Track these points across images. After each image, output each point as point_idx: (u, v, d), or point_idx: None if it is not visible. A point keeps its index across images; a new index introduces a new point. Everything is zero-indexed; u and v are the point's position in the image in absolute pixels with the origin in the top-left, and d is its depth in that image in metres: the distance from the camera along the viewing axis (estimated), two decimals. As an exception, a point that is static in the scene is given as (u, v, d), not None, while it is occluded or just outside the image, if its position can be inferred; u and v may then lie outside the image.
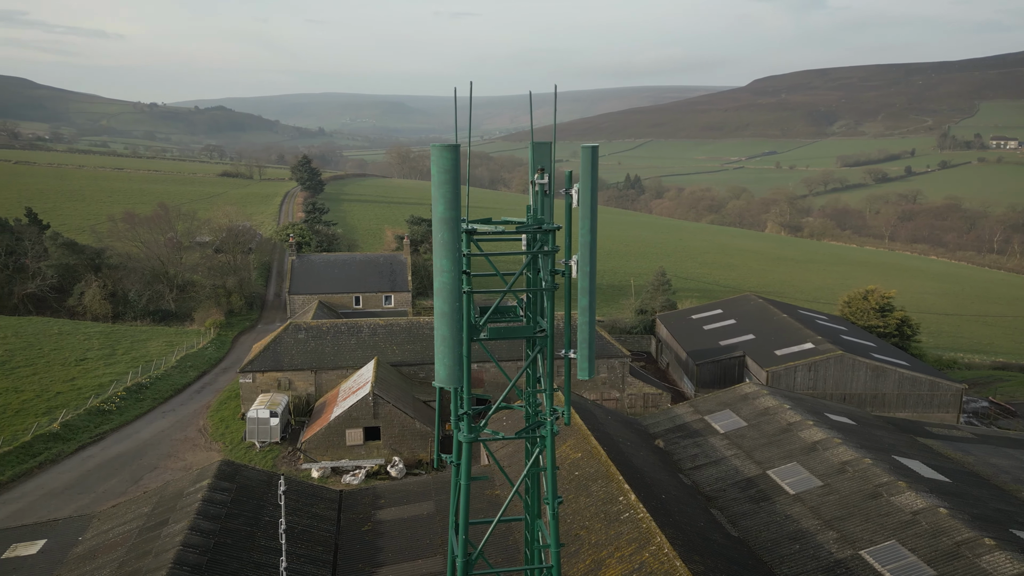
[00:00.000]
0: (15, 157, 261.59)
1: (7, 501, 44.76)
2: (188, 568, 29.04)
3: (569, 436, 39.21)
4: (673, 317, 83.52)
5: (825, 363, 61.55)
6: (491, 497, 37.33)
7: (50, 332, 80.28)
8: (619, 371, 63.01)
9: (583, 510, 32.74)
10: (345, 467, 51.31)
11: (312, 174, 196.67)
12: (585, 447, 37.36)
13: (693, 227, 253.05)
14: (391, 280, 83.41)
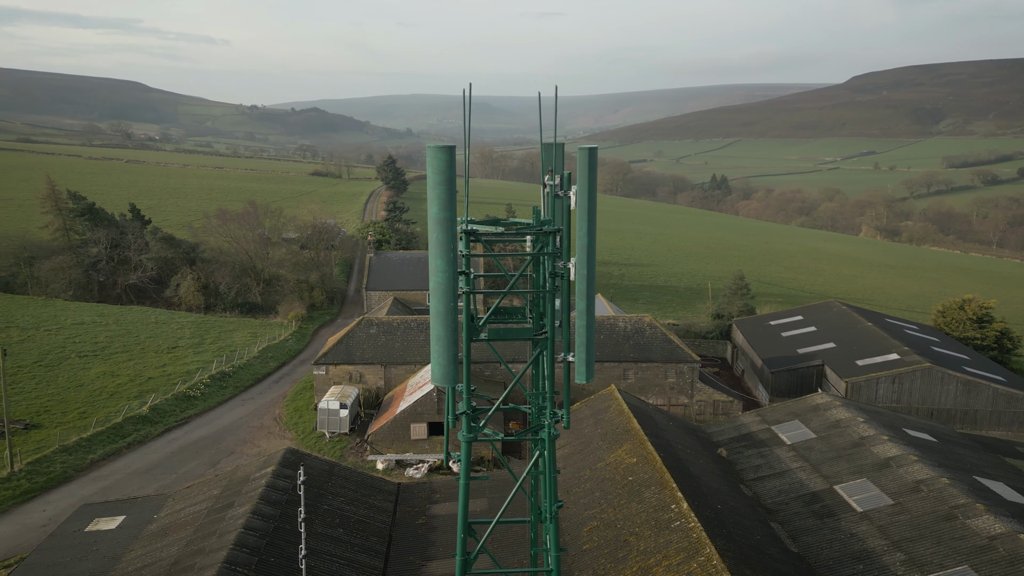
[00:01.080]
0: (127, 156, 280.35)
1: (97, 478, 48.06)
2: (248, 550, 30.40)
3: (625, 441, 38.68)
4: (750, 323, 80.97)
5: (911, 375, 58.23)
6: (544, 498, 37.29)
7: (147, 321, 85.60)
8: (687, 377, 61.62)
9: (634, 516, 32.23)
10: (409, 460, 52.39)
11: (396, 174, 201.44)
12: (641, 452, 36.76)
13: (781, 230, 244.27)
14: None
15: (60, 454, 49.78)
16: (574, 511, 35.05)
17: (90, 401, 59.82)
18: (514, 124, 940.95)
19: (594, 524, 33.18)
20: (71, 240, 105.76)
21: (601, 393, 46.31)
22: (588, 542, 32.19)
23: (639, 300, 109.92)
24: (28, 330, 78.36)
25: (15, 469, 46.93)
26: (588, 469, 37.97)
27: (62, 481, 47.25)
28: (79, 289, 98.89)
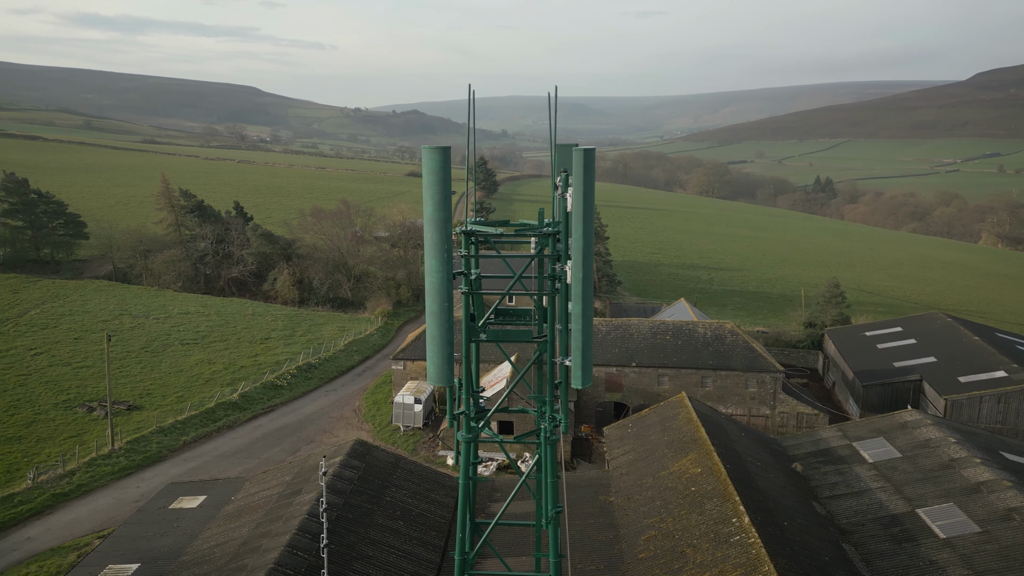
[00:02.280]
0: (239, 157, 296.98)
1: (188, 459, 51.19)
2: (309, 536, 31.59)
3: (691, 450, 37.63)
4: (843, 332, 76.93)
5: (1019, 395, 53.72)
6: (604, 503, 36.83)
7: (245, 312, 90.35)
8: (769, 387, 59.21)
9: (693, 527, 31.31)
10: (479, 457, 52.86)
11: (487, 175, 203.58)
12: (706, 463, 35.66)
13: (889, 235, 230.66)
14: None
15: (156, 435, 53.35)
16: (633, 518, 34.42)
17: (187, 386, 63.78)
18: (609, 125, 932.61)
19: (652, 533, 32.47)
20: (182, 235, 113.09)
21: (671, 400, 45.24)
22: (644, 551, 31.53)
23: (727, 306, 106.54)
24: (139, 318, 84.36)
25: (115, 447, 50.66)
26: (651, 477, 37.19)
27: (156, 460, 50.63)
28: (187, 281, 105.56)
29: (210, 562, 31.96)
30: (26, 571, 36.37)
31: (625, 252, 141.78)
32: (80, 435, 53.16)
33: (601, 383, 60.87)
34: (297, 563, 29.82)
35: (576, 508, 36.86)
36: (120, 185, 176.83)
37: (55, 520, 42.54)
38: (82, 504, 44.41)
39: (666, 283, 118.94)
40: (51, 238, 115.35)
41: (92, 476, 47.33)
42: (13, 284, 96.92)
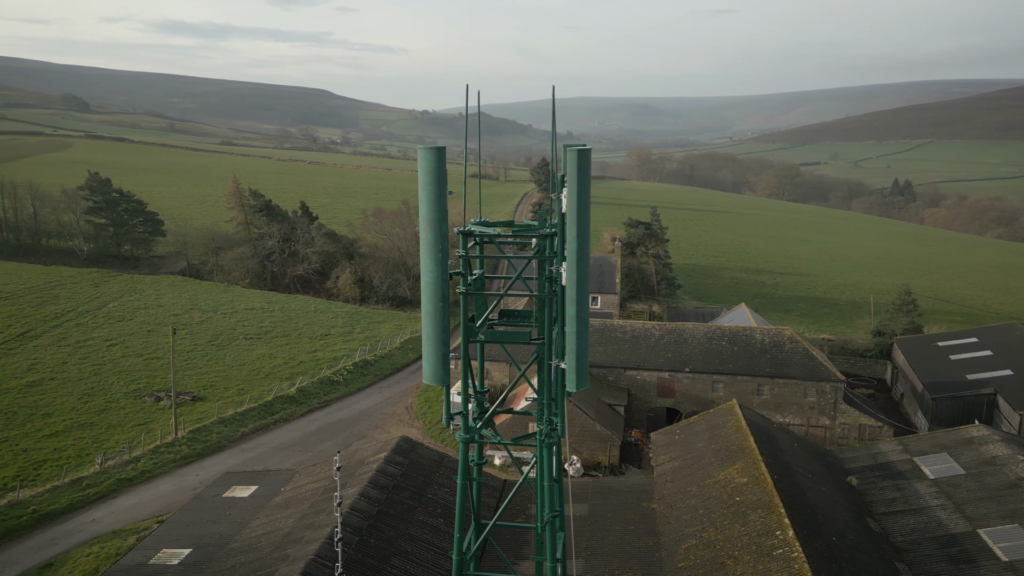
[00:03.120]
0: (310, 158, 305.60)
1: (245, 450, 52.96)
2: (351, 530, 32.18)
3: (738, 459, 36.62)
4: (913, 342, 73.50)
5: (1104, 413, 50.18)
6: (646, 510, 36.24)
7: (307, 309, 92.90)
8: (830, 396, 57.09)
9: (735, 539, 30.46)
10: (525, 459, 52.84)
11: (547, 176, 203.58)
12: (753, 473, 34.64)
13: (971, 241, 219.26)
14: (598, 281, 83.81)
15: (217, 425, 55.39)
16: (675, 527, 33.74)
17: (248, 379, 65.99)
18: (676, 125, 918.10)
19: (693, 543, 31.75)
20: (251, 233, 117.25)
21: (721, 407, 44.16)
22: (684, 560, 30.86)
23: (791, 312, 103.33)
24: (208, 312, 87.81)
25: (178, 436, 52.86)
26: (695, 485, 36.37)
27: (216, 450, 52.57)
28: (254, 278, 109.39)
29: (256, 550, 32.96)
30: (88, 551, 38.33)
31: (687, 255, 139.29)
32: (147, 423, 55.70)
33: (653, 388, 59.95)
34: (336, 555, 30.39)
35: (617, 514, 36.40)
36: (197, 185, 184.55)
37: (119, 504, 44.68)
38: (145, 489, 46.51)
39: (728, 287, 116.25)
40: (131, 235, 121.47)
41: (155, 463, 49.51)
42: (95, 278, 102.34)
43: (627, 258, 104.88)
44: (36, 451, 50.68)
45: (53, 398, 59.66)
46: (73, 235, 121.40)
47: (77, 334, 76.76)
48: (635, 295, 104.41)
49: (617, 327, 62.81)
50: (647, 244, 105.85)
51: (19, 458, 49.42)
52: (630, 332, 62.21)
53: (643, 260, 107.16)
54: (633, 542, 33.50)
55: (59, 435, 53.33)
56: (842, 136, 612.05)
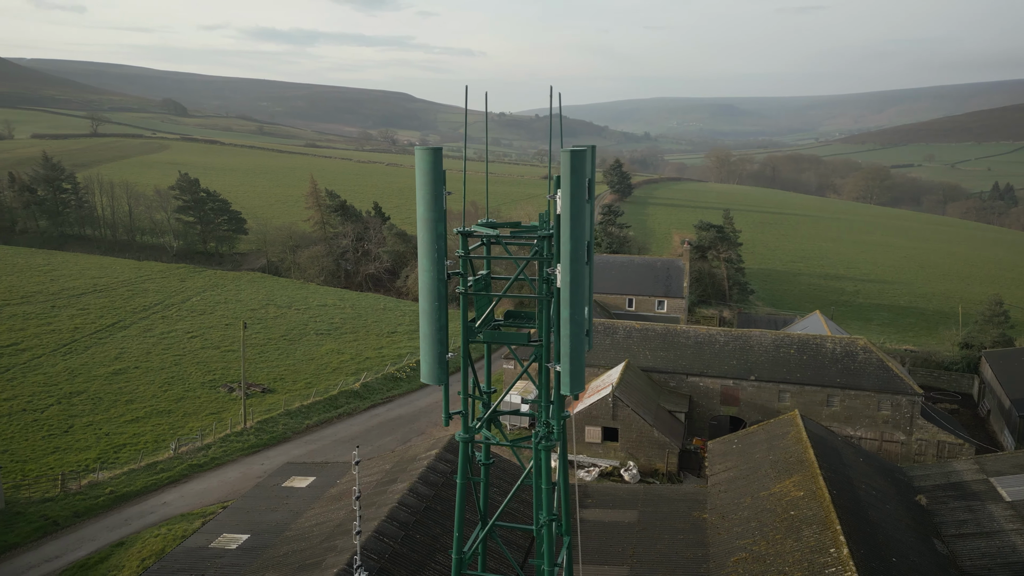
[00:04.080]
0: (388, 160, 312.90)
1: (309, 441, 54.67)
2: (397, 524, 32.77)
3: (796, 471, 35.25)
4: (1003, 356, 68.98)
5: None
6: (696, 520, 35.36)
7: (377, 307, 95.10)
8: (906, 410, 54.21)
9: (786, 554, 29.35)
10: (582, 462, 52.50)
11: (622, 177, 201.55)
12: (810, 486, 33.28)
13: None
14: (666, 285, 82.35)
15: (283, 417, 57.40)
16: (725, 538, 32.79)
17: (316, 373, 68.10)
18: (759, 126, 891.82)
19: (742, 555, 30.78)
20: (326, 232, 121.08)
21: (782, 417, 42.63)
22: (732, 573, 29.96)
23: (872, 321, 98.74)
24: (283, 308, 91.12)
25: (247, 426, 55.05)
26: (750, 497, 35.24)
27: (281, 440, 54.48)
28: (329, 275, 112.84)
29: (307, 539, 33.97)
30: (157, 532, 40.38)
31: (763, 260, 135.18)
32: (219, 413, 58.27)
33: (716, 396, 58.45)
34: (381, 549, 31.01)
35: (667, 522, 35.68)
36: (279, 185, 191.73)
37: (189, 488, 46.91)
38: (213, 476, 48.67)
39: (805, 294, 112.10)
40: (216, 233, 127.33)
41: (225, 451, 51.74)
42: (181, 273, 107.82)
43: (698, 262, 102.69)
44: (117, 435, 53.83)
45: (136, 386, 63.20)
46: (164, 232, 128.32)
47: (162, 326, 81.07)
48: (705, 300, 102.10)
49: (680, 332, 61.55)
50: (719, 248, 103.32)
51: (101, 441, 52.60)
52: (693, 337, 60.85)
53: (714, 264, 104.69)
54: (681, 551, 32.76)
55: (139, 421, 56.47)
56: (938, 137, 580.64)
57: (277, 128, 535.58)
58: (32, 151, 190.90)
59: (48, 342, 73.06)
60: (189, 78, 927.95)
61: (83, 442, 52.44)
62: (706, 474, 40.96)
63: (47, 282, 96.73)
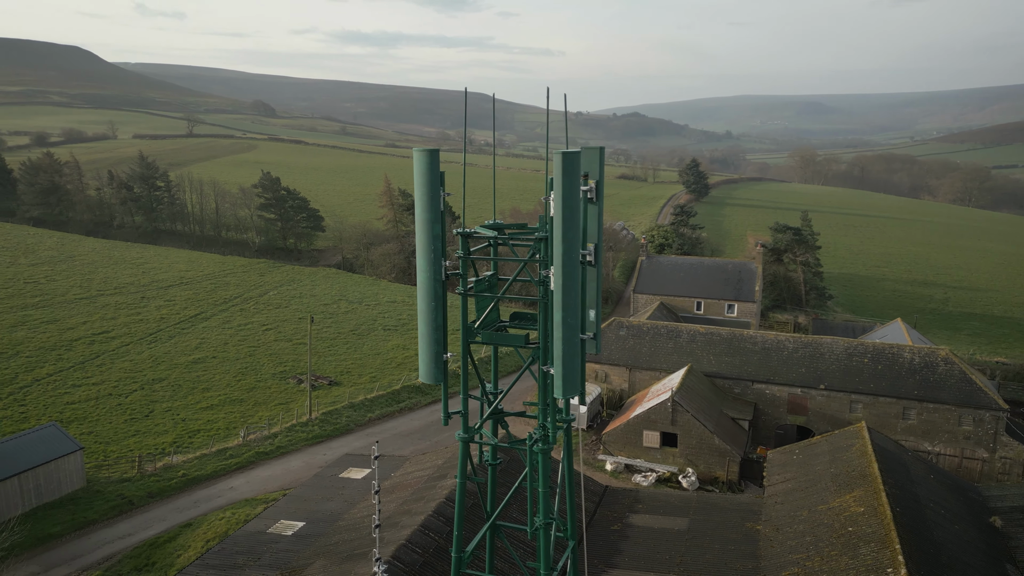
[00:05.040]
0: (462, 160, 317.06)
1: (370, 434, 55.99)
2: (443, 520, 33.16)
3: (858, 486, 33.67)
4: (1106, 371, 63.82)
5: None
6: (749, 531, 34.27)
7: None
8: (989, 426, 50.91)
9: (841, 572, 28.09)
10: (639, 467, 51.74)
11: (698, 177, 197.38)
12: (871, 502, 31.73)
13: None
14: (736, 288, 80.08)
15: (347, 409, 59.00)
16: (778, 551, 31.66)
17: (381, 368, 69.66)
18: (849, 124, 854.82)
19: (795, 571, 29.66)
20: (399, 230, 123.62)
21: (848, 429, 40.80)
22: (782, 589, 28.91)
23: (961, 330, 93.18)
24: (354, 303, 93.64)
25: (312, 417, 56.86)
26: (807, 510, 33.89)
27: (344, 432, 56.01)
28: (400, 273, 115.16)
29: (358, 530, 34.82)
30: (222, 516, 42.24)
31: (844, 264, 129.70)
32: (287, 403, 60.42)
33: (783, 404, 56.47)
34: (426, 543, 31.46)
35: (718, 532, 34.74)
36: (358, 184, 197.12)
37: (255, 475, 48.85)
38: (278, 464, 50.52)
39: (887, 301, 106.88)
40: (295, 229, 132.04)
41: (290, 440, 53.62)
42: (261, 268, 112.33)
43: (772, 265, 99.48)
44: (193, 421, 56.59)
45: (213, 375, 66.27)
46: (247, 228, 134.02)
47: (240, 318, 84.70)
48: (780, 304, 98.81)
49: (746, 337, 59.76)
50: (795, 250, 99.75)
51: (178, 426, 55.43)
52: (760, 343, 58.97)
53: (791, 268, 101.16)
54: (730, 563, 31.83)
55: (213, 408, 59.20)
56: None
57: (359, 128, 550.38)
58: (131, 151, 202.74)
59: (136, 331, 77.51)
60: (279, 80, 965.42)
61: (161, 426, 55.40)
62: (764, 484, 39.65)
63: (139, 274, 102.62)
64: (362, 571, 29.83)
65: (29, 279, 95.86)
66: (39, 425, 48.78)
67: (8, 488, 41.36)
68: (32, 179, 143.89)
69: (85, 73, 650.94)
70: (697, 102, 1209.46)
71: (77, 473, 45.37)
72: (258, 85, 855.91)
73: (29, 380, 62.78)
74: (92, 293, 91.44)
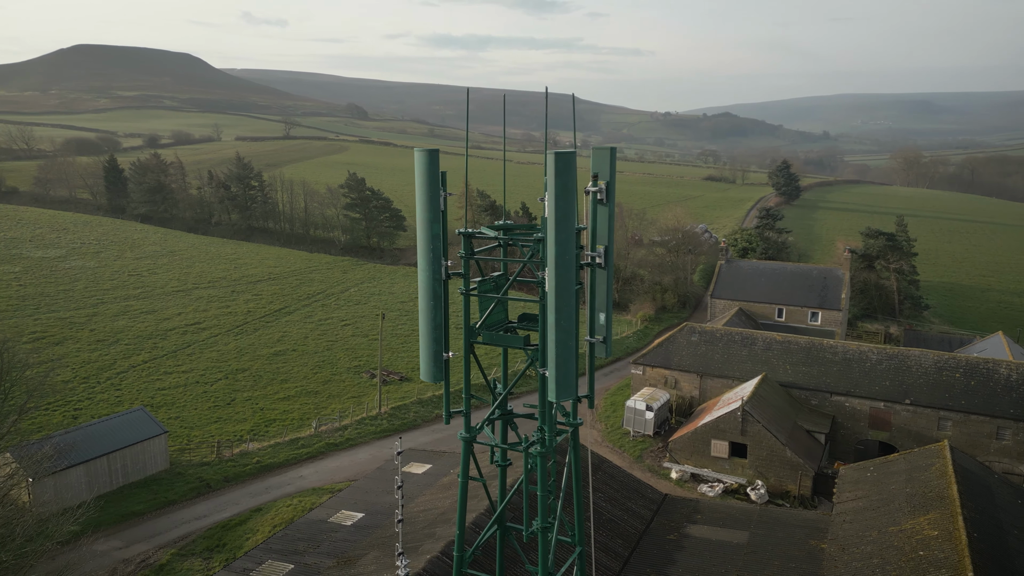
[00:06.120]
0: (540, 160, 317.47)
1: (435, 430, 56.85)
2: (495, 518, 33.25)
3: (934, 508, 31.55)
4: None
5: None
6: (813, 549, 32.69)
7: (516, 305, 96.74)
8: (1098, 451, 46.66)
9: (907, 599, 26.41)
10: (705, 476, 50.33)
11: (789, 179, 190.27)
12: (947, 526, 29.68)
13: None
14: (821, 296, 76.60)
15: (415, 405, 60.10)
16: (842, 572, 30.08)
17: (453, 365, 70.26)
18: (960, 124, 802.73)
19: (858, 594, 28.10)
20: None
21: (928, 447, 38.30)
22: (842, 612, 27.46)
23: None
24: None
25: (381, 411, 58.25)
26: (876, 530, 32.04)
27: (411, 427, 57.10)
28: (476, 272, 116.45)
29: (412, 524, 35.38)
30: (289, 503, 43.87)
31: (946, 272, 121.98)
32: (359, 397, 62.15)
33: (864, 418, 53.65)
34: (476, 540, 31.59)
35: (779, 548, 33.34)
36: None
37: (324, 465, 50.50)
38: (346, 455, 52.03)
39: (992, 312, 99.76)
40: (379, 229, 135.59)
41: (359, 433, 55.12)
42: (344, 265, 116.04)
43: (863, 272, 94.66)
44: (270, 411, 59.05)
45: (292, 367, 68.95)
46: (333, 227, 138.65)
47: (321, 313, 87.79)
48: (870, 314, 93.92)
49: (827, 347, 57.10)
50: (888, 257, 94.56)
51: (256, 415, 57.96)
52: (841, 353, 56.23)
53: (883, 275, 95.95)
54: None
55: (290, 399, 61.57)
56: None
57: (446, 131, 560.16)
58: (232, 152, 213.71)
59: (224, 323, 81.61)
60: (372, 84, 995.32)
61: (241, 414, 58.08)
62: (834, 501, 37.76)
63: (231, 269, 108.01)
64: (412, 564, 30.29)
65: (133, 272, 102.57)
66: (129, 409, 52.06)
67: (98, 467, 44.37)
68: (140, 178, 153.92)
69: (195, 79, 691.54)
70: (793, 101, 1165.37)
71: (161, 455, 48.18)
72: (352, 89, 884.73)
73: (126, 366, 67.15)
74: (188, 286, 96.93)
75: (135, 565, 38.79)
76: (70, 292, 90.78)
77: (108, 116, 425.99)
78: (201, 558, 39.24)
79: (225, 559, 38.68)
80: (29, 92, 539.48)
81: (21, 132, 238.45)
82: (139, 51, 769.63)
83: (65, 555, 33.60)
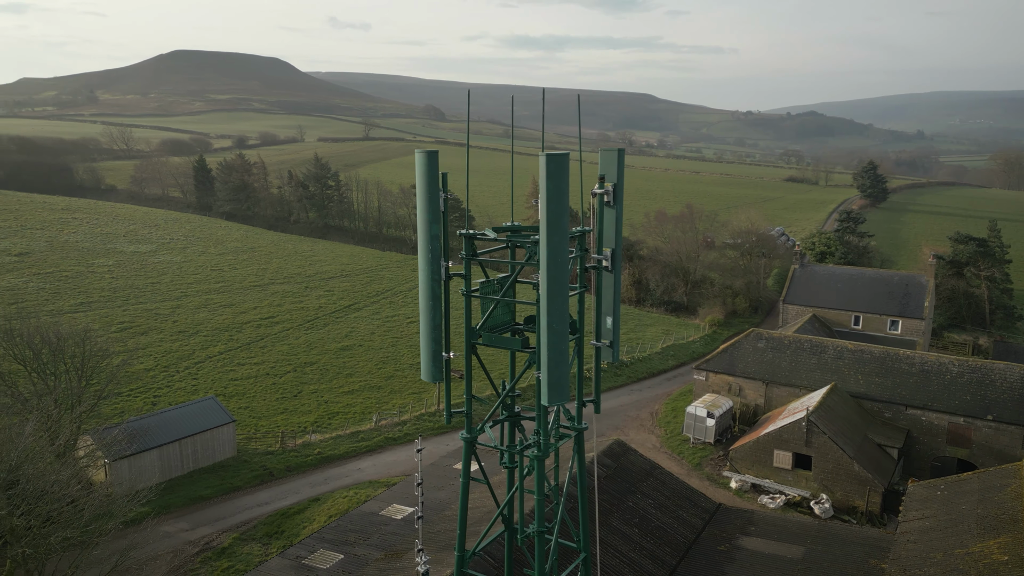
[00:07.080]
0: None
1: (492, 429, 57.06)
2: (539, 519, 33.13)
3: (1006, 532, 29.53)
4: None
5: None
6: (872, 568, 31.15)
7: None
8: None
9: (969, 627, 24.81)
10: (767, 487, 48.72)
11: (876, 181, 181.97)
12: (1018, 552, 27.73)
13: None
14: (902, 303, 72.89)
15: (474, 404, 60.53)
16: (901, 596, 28.54)
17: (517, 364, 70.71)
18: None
19: (916, 619, 26.61)
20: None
21: (1005, 467, 35.85)
22: (898, 637, 26.04)
23: None
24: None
25: (440, 408, 58.96)
26: (942, 552, 30.23)
27: (468, 425, 57.53)
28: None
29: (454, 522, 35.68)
30: (346, 494, 44.97)
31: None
32: (420, 393, 63.14)
33: (942, 434, 50.76)
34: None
35: (836, 565, 31.93)
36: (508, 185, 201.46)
37: (382, 459, 51.56)
38: (403, 450, 52.95)
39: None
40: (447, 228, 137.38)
41: (418, 428, 56.02)
42: (414, 264, 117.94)
43: (951, 279, 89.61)
44: (334, 404, 60.74)
45: (357, 362, 70.71)
46: (405, 226, 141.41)
47: (388, 310, 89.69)
48: (958, 323, 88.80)
49: (902, 357, 54.29)
50: (979, 264, 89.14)
51: (320, 408, 59.73)
52: (919, 364, 53.35)
53: (973, 283, 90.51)
54: None
55: (353, 393, 63.17)
56: None
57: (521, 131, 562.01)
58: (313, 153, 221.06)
59: (296, 318, 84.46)
60: (450, 85, 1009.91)
61: (306, 407, 59.99)
62: (898, 519, 35.86)
63: (306, 265, 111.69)
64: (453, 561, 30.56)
65: (215, 267, 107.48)
66: (202, 397, 54.57)
67: (170, 452, 46.72)
68: (226, 178, 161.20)
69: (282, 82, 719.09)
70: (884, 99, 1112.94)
71: (229, 443, 50.29)
72: (430, 90, 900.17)
73: (203, 357, 70.42)
74: (265, 281, 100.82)
75: (199, 547, 40.62)
76: (157, 285, 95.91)
77: (202, 118, 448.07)
78: (260, 543, 40.73)
79: (282, 545, 40.01)
80: (131, 95, 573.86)
81: (121, 133, 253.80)
82: (232, 56, 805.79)
83: (132, 535, 35.52)
